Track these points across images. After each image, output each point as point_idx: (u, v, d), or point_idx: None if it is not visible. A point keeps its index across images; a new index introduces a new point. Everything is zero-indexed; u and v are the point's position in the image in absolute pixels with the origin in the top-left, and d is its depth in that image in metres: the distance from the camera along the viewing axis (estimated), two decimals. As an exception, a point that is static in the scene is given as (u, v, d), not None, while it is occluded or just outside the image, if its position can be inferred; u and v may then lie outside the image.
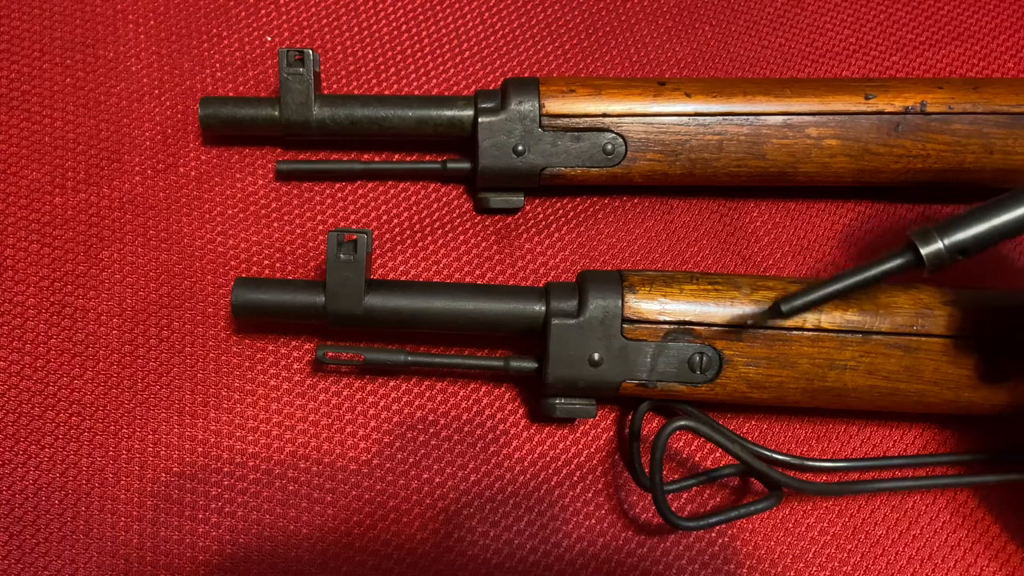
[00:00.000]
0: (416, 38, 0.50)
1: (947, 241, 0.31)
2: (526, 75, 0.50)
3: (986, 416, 0.41)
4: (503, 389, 0.42)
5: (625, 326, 0.37)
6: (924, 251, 0.31)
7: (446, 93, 0.49)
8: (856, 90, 0.42)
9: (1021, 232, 0.31)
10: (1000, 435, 0.42)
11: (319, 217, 0.45)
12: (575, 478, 0.41)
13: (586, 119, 0.42)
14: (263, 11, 0.49)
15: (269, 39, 0.49)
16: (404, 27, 0.50)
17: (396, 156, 0.47)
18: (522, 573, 0.39)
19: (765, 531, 0.40)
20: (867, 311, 0.37)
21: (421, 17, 0.50)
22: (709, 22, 0.52)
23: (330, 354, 0.40)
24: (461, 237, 0.45)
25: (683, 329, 0.37)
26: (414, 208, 0.46)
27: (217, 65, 0.48)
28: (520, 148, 0.42)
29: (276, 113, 0.43)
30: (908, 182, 0.44)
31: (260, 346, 0.42)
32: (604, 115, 0.42)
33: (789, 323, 0.37)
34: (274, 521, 0.39)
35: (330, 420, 0.41)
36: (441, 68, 0.49)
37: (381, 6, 0.50)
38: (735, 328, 0.37)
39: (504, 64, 0.50)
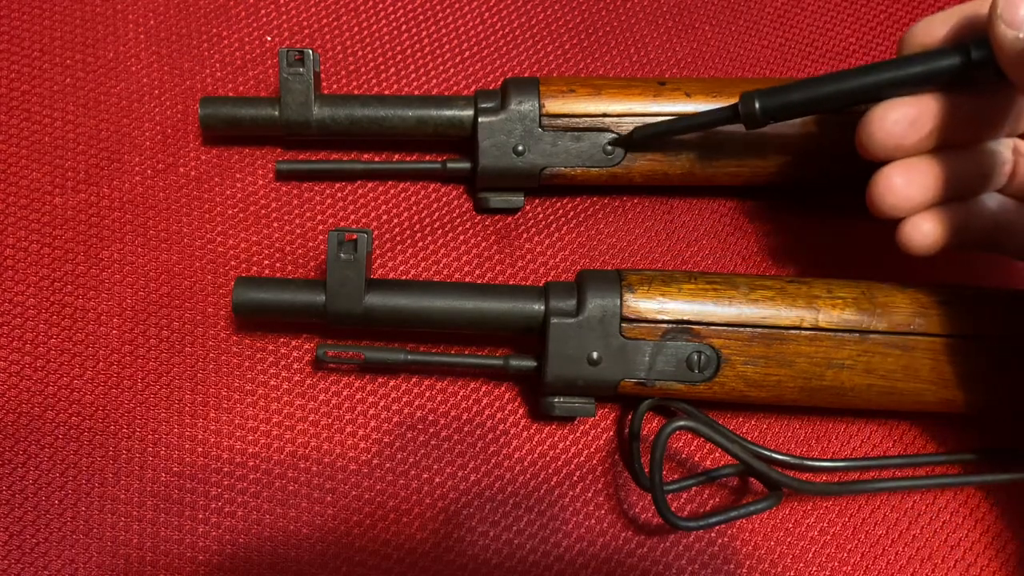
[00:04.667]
0: (416, 38, 0.50)
1: (759, 104, 0.36)
2: (526, 75, 0.50)
3: (985, 416, 0.41)
4: (503, 389, 0.42)
5: (624, 325, 0.37)
6: (742, 110, 0.37)
7: (446, 93, 0.49)
8: (856, 90, 0.42)
9: (828, 106, 0.36)
10: (1000, 434, 0.42)
11: (319, 217, 0.45)
12: (575, 478, 0.41)
13: (586, 119, 0.42)
14: (263, 11, 0.50)
15: (269, 39, 0.49)
16: (404, 27, 0.50)
17: (396, 156, 0.47)
18: (522, 573, 0.39)
19: (765, 531, 0.40)
20: (864, 310, 0.37)
21: (421, 17, 0.50)
22: (709, 22, 0.52)
23: (330, 352, 0.40)
24: (461, 237, 0.45)
25: (681, 328, 0.37)
26: (414, 208, 0.46)
27: (217, 65, 0.48)
28: (520, 148, 0.42)
29: (276, 113, 0.43)
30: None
31: (260, 346, 0.42)
32: (604, 115, 0.42)
33: (787, 323, 0.37)
34: (274, 521, 0.39)
35: (330, 420, 0.41)
36: (441, 68, 0.49)
37: (381, 6, 0.50)
38: (733, 327, 0.37)
39: (504, 64, 0.50)
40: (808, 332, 0.37)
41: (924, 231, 0.37)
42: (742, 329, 0.37)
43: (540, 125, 0.42)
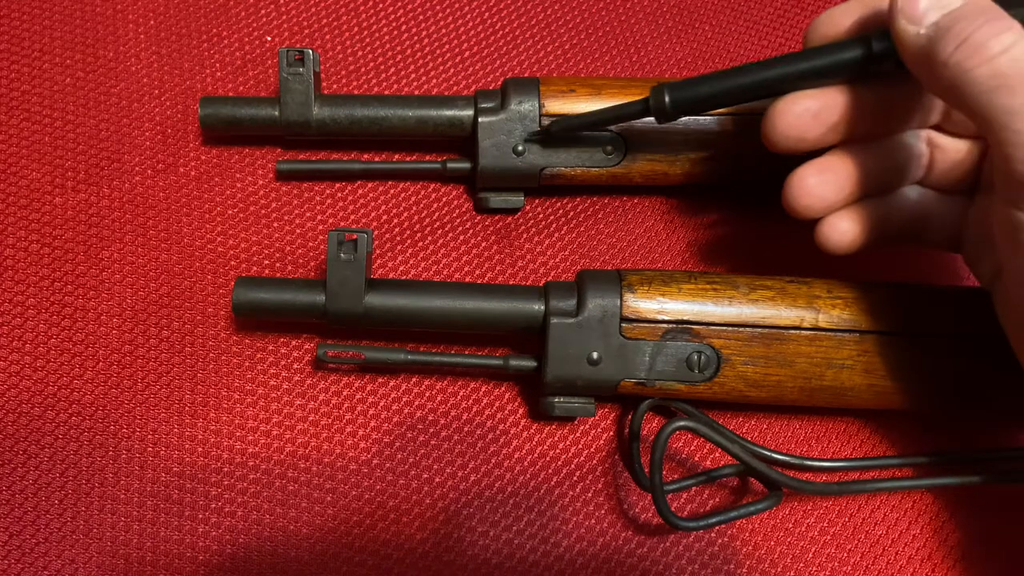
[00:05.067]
0: (416, 38, 0.50)
1: (669, 97, 0.36)
2: (526, 75, 0.50)
3: (986, 416, 0.41)
4: (503, 389, 0.42)
5: (624, 325, 0.37)
6: (652, 103, 0.36)
7: (446, 93, 0.49)
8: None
9: (737, 100, 0.35)
10: (1000, 434, 0.42)
11: (319, 217, 0.45)
12: (575, 478, 0.41)
13: (586, 119, 0.42)
14: (263, 11, 0.50)
15: (269, 39, 0.49)
16: (404, 27, 0.50)
17: (396, 156, 0.47)
18: (522, 573, 0.39)
19: (765, 531, 0.40)
20: (864, 310, 0.37)
21: (421, 17, 0.50)
22: (709, 22, 0.52)
23: (330, 352, 0.40)
24: (461, 237, 0.45)
25: (681, 328, 0.37)
26: (414, 208, 0.46)
27: (217, 65, 0.48)
28: (520, 148, 0.42)
29: (276, 113, 0.43)
30: (908, 181, 0.44)
31: (260, 346, 0.42)
32: (604, 115, 0.42)
33: (787, 323, 0.37)
34: (274, 521, 0.39)
35: (330, 420, 0.41)
36: (441, 68, 0.49)
37: (381, 6, 0.50)
38: (733, 326, 0.37)
39: (504, 64, 0.50)
40: (808, 332, 0.37)
41: (842, 230, 0.37)
42: (742, 329, 0.37)
43: (540, 125, 0.42)
